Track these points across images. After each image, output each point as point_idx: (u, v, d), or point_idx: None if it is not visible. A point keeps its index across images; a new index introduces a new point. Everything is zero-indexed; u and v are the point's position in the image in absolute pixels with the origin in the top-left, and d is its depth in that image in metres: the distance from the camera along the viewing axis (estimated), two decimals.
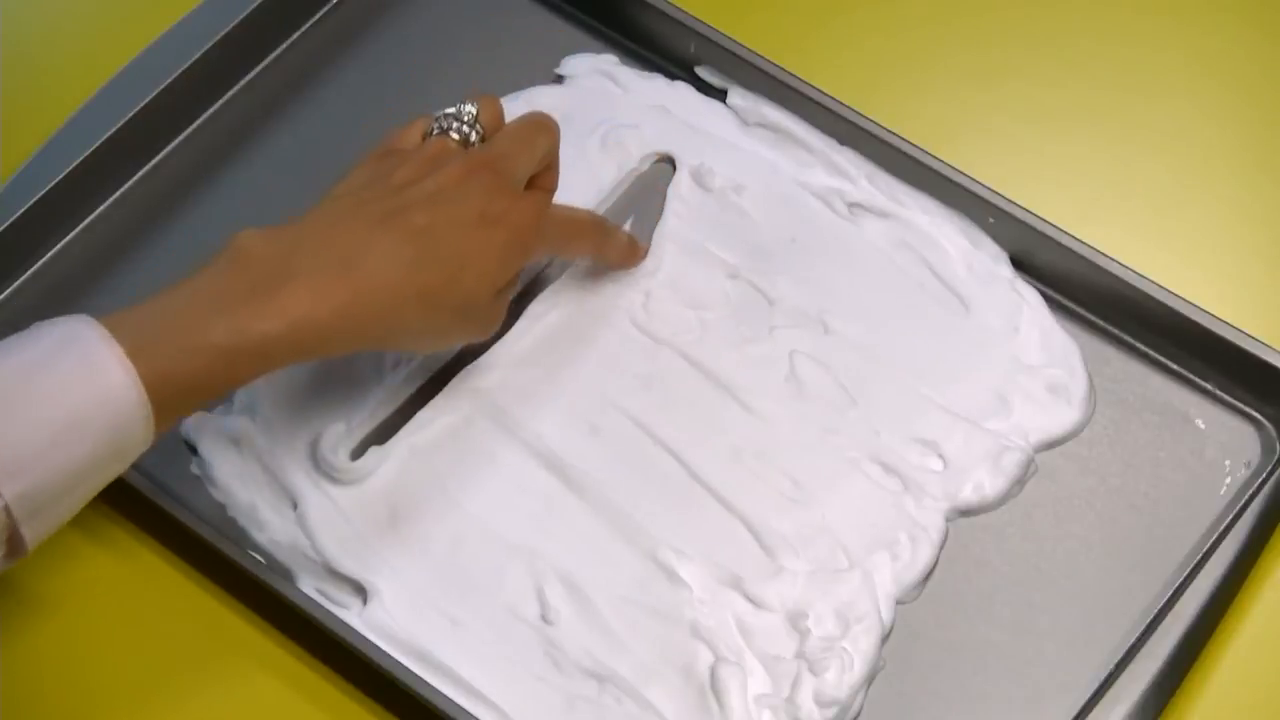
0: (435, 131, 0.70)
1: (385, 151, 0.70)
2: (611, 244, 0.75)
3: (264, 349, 0.62)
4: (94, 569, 0.72)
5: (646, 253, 0.77)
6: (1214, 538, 0.71)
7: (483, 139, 0.70)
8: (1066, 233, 0.77)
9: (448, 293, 0.66)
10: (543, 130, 0.71)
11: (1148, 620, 0.70)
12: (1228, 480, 0.74)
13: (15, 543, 0.60)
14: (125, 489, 0.71)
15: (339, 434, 0.73)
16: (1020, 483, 0.73)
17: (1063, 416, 0.75)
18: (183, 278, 0.64)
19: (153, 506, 0.71)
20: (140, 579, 0.72)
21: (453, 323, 0.68)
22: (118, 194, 0.81)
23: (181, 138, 0.82)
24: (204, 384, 0.62)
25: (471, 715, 0.67)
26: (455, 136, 0.70)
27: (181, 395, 0.62)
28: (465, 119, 0.70)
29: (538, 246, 0.70)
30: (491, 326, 0.70)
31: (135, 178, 0.81)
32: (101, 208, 0.80)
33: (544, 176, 0.72)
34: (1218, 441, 0.75)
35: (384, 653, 0.68)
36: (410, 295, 0.65)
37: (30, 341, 0.61)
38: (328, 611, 0.69)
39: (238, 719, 0.70)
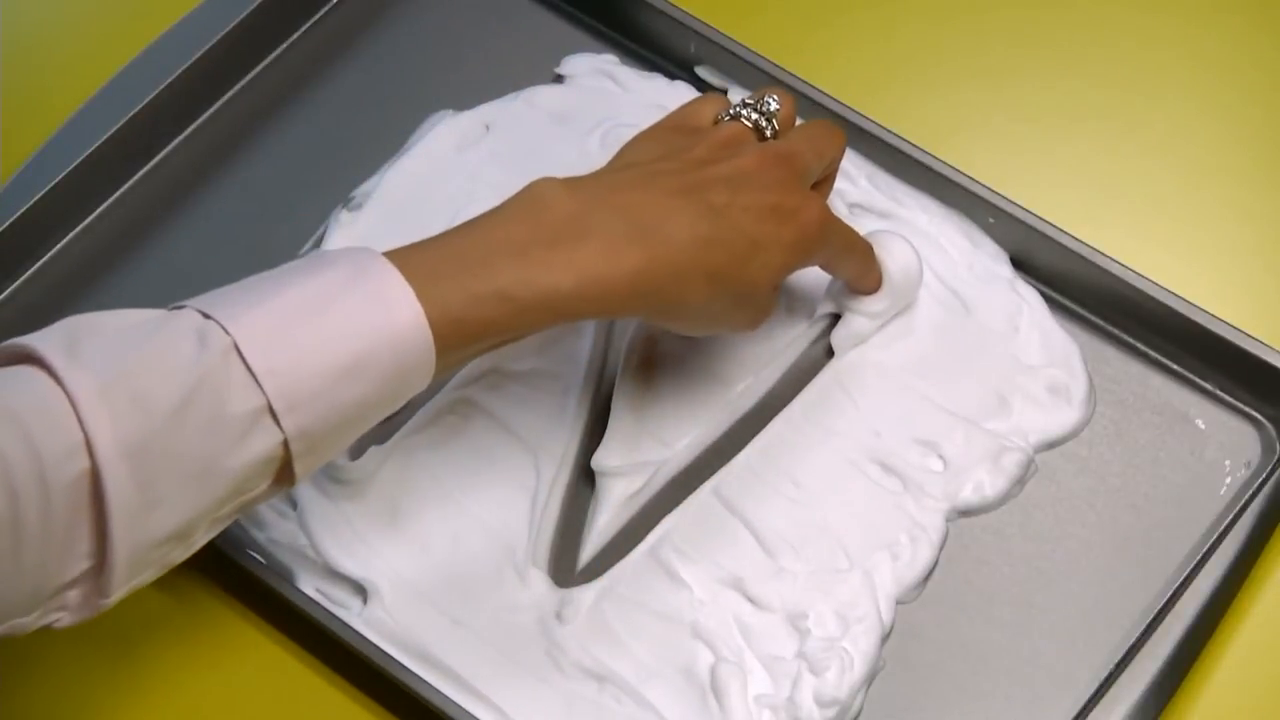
0: (728, 116, 0.70)
1: (675, 126, 0.70)
2: (873, 273, 0.74)
3: (551, 302, 0.62)
4: None
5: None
6: (1214, 538, 0.71)
7: (775, 134, 0.70)
8: (1066, 233, 0.77)
9: (734, 276, 0.66)
10: (834, 138, 0.71)
11: (1148, 620, 0.70)
12: (1228, 480, 0.74)
13: (284, 474, 0.60)
14: None
15: None
16: (1020, 483, 0.73)
17: (1063, 416, 0.75)
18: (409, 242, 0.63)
19: None
20: None
21: (731, 307, 0.67)
22: (118, 194, 0.81)
23: (181, 138, 0.82)
24: (488, 330, 0.61)
25: (471, 715, 0.67)
26: (747, 125, 0.69)
27: (465, 340, 0.61)
28: (765, 111, 0.70)
29: (820, 251, 0.69)
30: (762, 319, 0.70)
31: (135, 178, 0.81)
32: (101, 208, 0.80)
33: (823, 185, 0.72)
34: (1218, 441, 0.75)
35: (384, 652, 0.68)
36: (700, 271, 0.64)
37: (319, 270, 0.59)
38: (328, 611, 0.69)
39: (238, 718, 0.70)
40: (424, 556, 0.71)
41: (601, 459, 0.73)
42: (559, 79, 0.84)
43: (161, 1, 0.84)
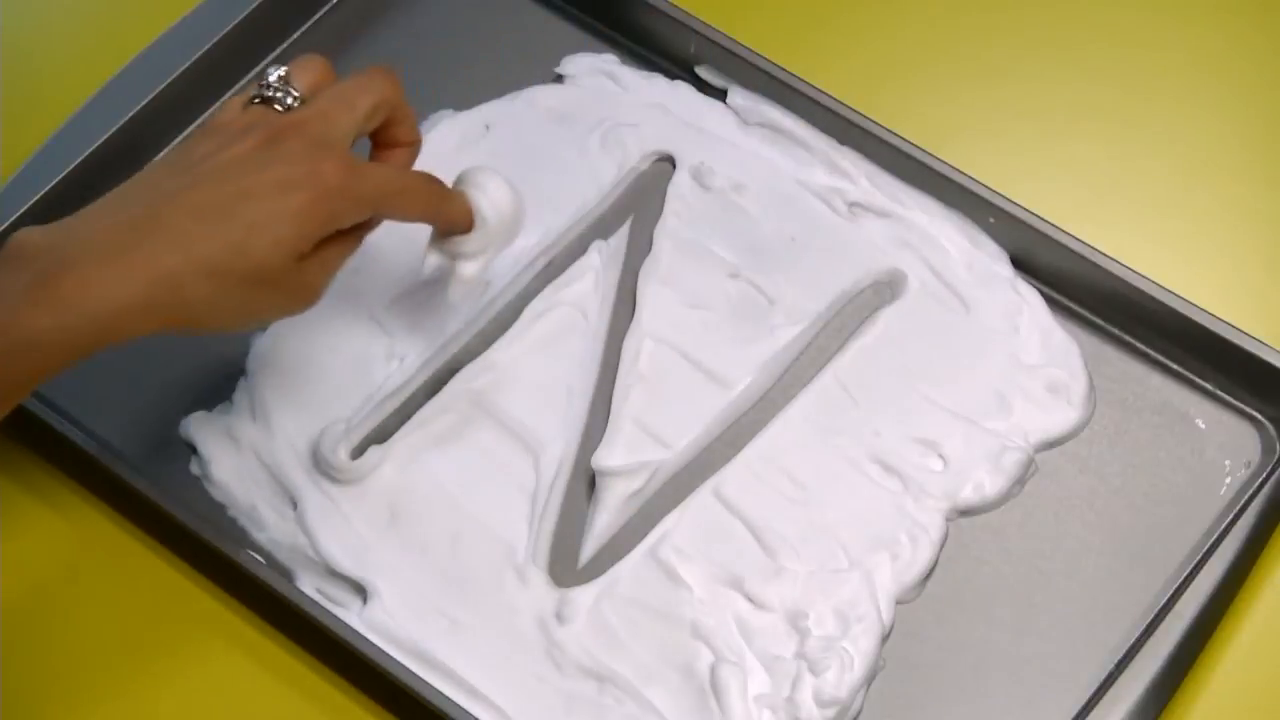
0: (255, 101, 0.66)
1: (202, 132, 0.66)
2: (447, 209, 0.70)
3: (39, 342, 0.59)
4: (93, 568, 0.72)
5: (472, 225, 0.71)
6: (1214, 538, 0.71)
7: (304, 102, 0.66)
8: (1066, 233, 0.77)
9: (235, 263, 0.62)
10: (366, 85, 0.67)
11: (1148, 620, 0.70)
12: (1228, 480, 0.74)
13: None
14: (125, 489, 0.72)
15: (339, 434, 0.73)
16: (1020, 483, 0.73)
17: (1063, 416, 0.75)
18: None
19: (153, 506, 0.71)
20: (140, 579, 0.72)
21: (252, 295, 0.63)
22: None
23: (181, 137, 0.82)
24: None
25: (471, 715, 0.67)
26: (277, 107, 0.66)
27: None
28: (276, 84, 0.66)
29: (348, 210, 0.65)
30: (306, 297, 0.66)
31: None
32: None
33: (393, 129, 0.68)
34: (1218, 441, 0.75)
35: (384, 653, 0.68)
36: (194, 271, 0.61)
37: None
38: (328, 611, 0.69)
39: (238, 718, 0.70)
40: (424, 556, 0.71)
41: (601, 459, 0.73)
42: (559, 79, 0.84)
43: (161, 1, 0.84)
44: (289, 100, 0.66)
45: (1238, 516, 0.72)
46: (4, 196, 0.78)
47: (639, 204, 0.80)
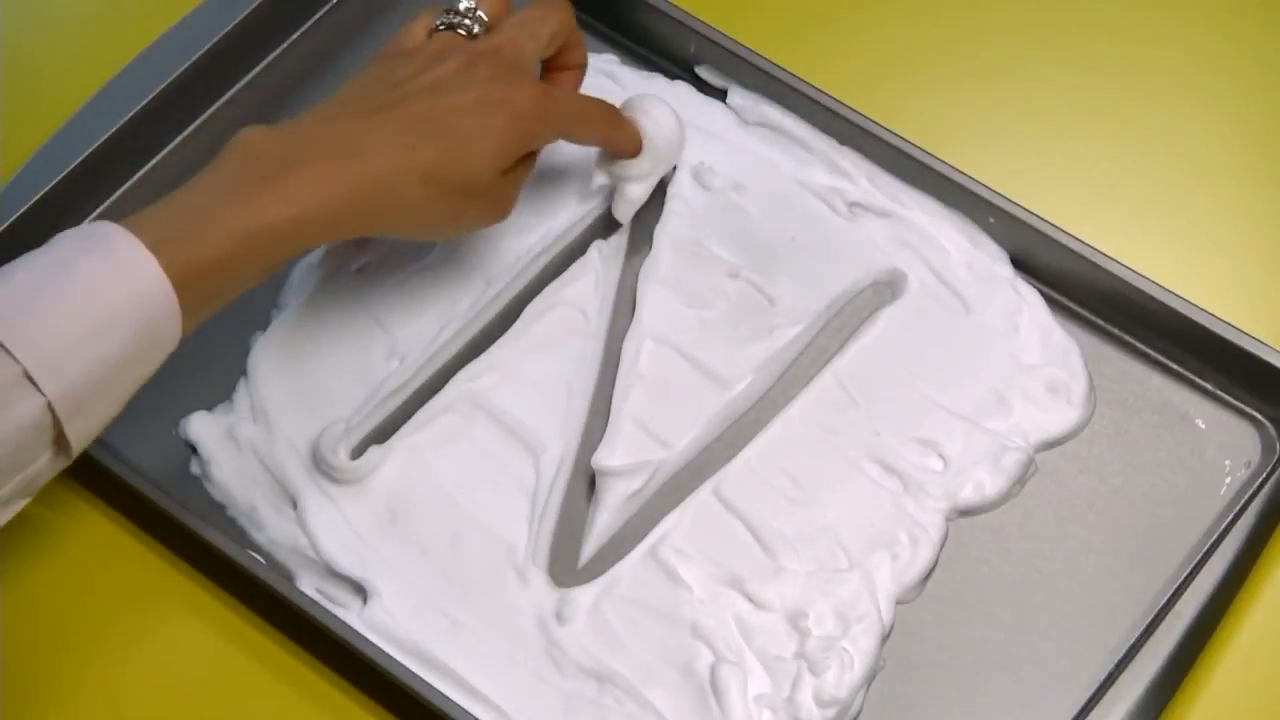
0: (440, 28, 0.72)
1: (390, 53, 0.72)
2: (621, 134, 0.75)
3: (276, 232, 0.64)
4: (94, 568, 0.72)
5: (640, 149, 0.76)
6: (1214, 538, 0.71)
7: (488, 30, 0.72)
8: (1066, 233, 0.77)
9: (450, 171, 0.68)
10: (546, 15, 0.73)
11: (1148, 620, 0.70)
12: (1228, 480, 0.74)
13: (62, 443, 0.62)
14: (125, 489, 0.72)
15: (339, 434, 0.72)
16: (1020, 483, 0.73)
17: (1063, 416, 0.75)
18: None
19: (153, 506, 0.71)
20: (140, 579, 0.72)
21: (461, 204, 0.69)
22: (118, 194, 0.81)
23: (181, 137, 0.82)
24: (225, 271, 0.64)
25: (471, 715, 0.67)
26: (461, 32, 0.72)
27: (205, 284, 0.64)
28: (465, 12, 0.72)
29: (541, 131, 0.71)
30: (503, 208, 0.72)
31: (135, 178, 0.81)
32: (101, 207, 0.80)
33: (566, 54, 0.74)
34: (1218, 441, 0.75)
35: (384, 653, 0.68)
36: (412, 176, 0.67)
37: (55, 245, 0.62)
38: (328, 611, 0.69)
39: (238, 718, 0.70)
40: (424, 556, 0.71)
41: (601, 459, 0.73)
42: None
43: (161, 1, 0.84)
44: (475, 28, 0.72)
45: (1238, 516, 0.72)
46: (4, 196, 0.78)
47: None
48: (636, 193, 0.77)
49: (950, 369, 0.76)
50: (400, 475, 0.73)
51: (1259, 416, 0.75)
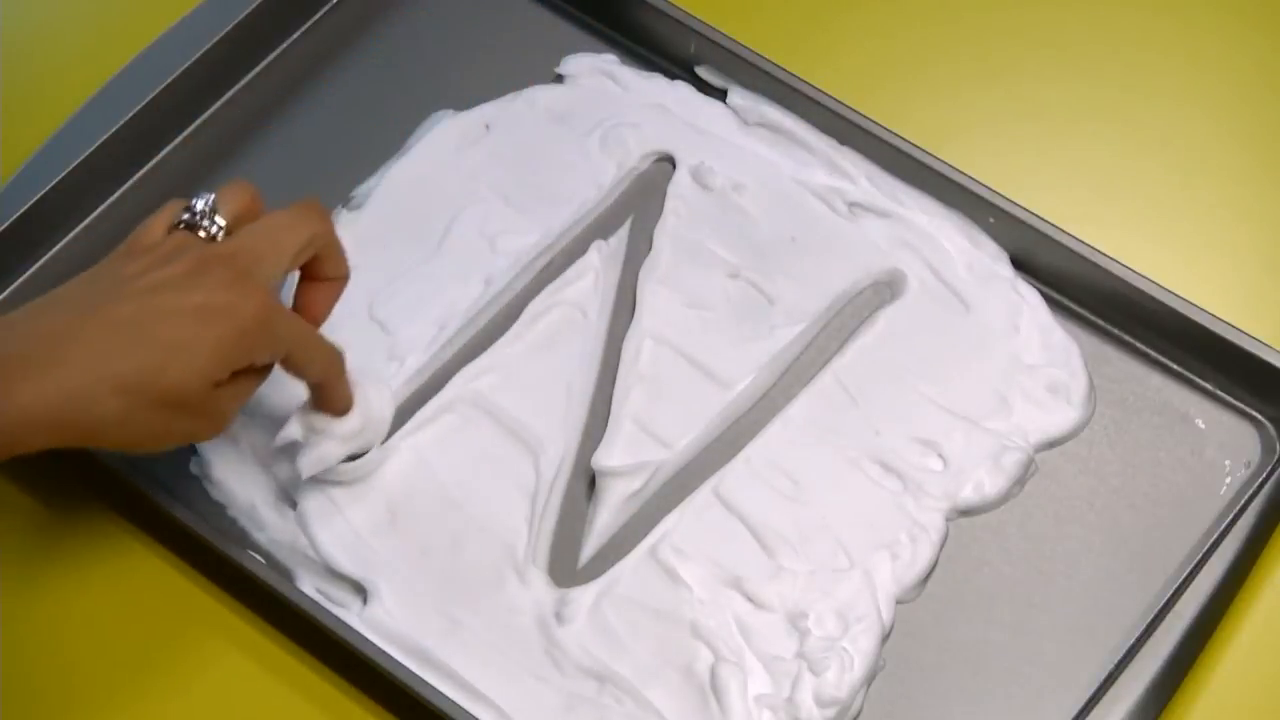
0: (179, 226, 0.67)
1: (125, 250, 0.67)
2: (335, 385, 0.70)
3: None
4: (94, 568, 0.72)
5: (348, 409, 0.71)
6: (1214, 538, 0.71)
7: (228, 232, 0.67)
8: (1066, 233, 0.77)
9: (149, 384, 0.62)
10: (294, 225, 0.67)
11: (1148, 620, 0.70)
12: (1228, 480, 0.74)
13: None
14: (125, 489, 0.72)
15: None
16: (1020, 483, 0.73)
17: (1063, 416, 0.75)
18: None
19: (153, 506, 0.71)
20: (140, 579, 0.72)
21: (164, 418, 0.63)
22: (118, 194, 0.81)
23: (181, 138, 0.82)
24: None
25: (471, 715, 0.67)
26: (201, 233, 0.66)
27: None
28: (202, 212, 0.67)
29: (265, 347, 0.65)
30: (216, 424, 0.66)
31: (135, 178, 0.81)
32: (101, 208, 0.80)
33: (322, 265, 0.69)
34: (1218, 441, 0.75)
35: (384, 653, 0.68)
36: (106, 387, 0.61)
37: None
38: (328, 611, 0.69)
39: (238, 718, 0.70)
40: (424, 556, 0.71)
41: (601, 459, 0.73)
42: (559, 79, 0.84)
43: (161, 1, 0.84)
44: (214, 229, 0.66)
45: (1238, 516, 0.72)
46: (4, 196, 0.78)
47: (639, 204, 0.80)
48: (331, 451, 0.70)
49: (950, 369, 0.76)
50: (400, 475, 0.73)
51: (1259, 416, 0.75)
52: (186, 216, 0.67)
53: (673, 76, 0.84)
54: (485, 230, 0.78)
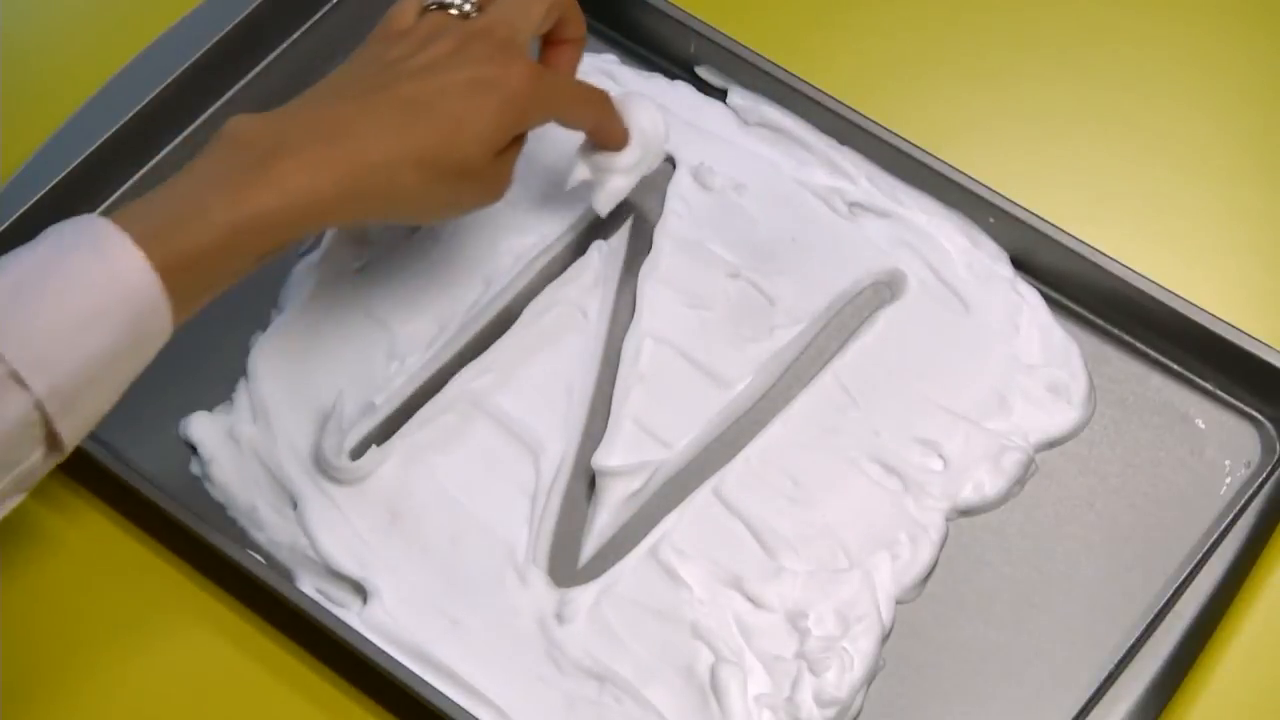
0: (431, 7, 0.71)
1: (380, 35, 0.71)
2: (613, 121, 0.74)
3: (265, 220, 0.63)
4: (93, 568, 0.72)
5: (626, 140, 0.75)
6: (1214, 538, 0.71)
7: (480, 9, 0.71)
8: (1066, 233, 0.77)
9: (443, 154, 0.67)
10: None
11: (1148, 620, 0.70)
12: (1228, 480, 0.74)
13: (54, 440, 0.61)
14: (125, 489, 0.72)
15: (339, 434, 0.72)
16: (1020, 483, 0.73)
17: (1063, 416, 0.75)
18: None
19: (153, 506, 0.71)
20: (140, 579, 0.72)
21: (455, 186, 0.69)
22: (118, 194, 0.81)
23: (181, 137, 0.82)
24: (215, 261, 0.63)
25: (471, 715, 0.67)
26: (452, 12, 0.71)
27: (195, 275, 0.63)
28: None
29: (534, 111, 0.70)
30: (497, 189, 0.71)
31: (135, 178, 0.81)
32: (101, 208, 0.80)
33: (563, 27, 0.73)
34: (1218, 441, 0.75)
35: (384, 653, 0.68)
36: (404, 160, 0.66)
37: (41, 241, 0.62)
38: (328, 611, 0.69)
39: (238, 718, 0.70)
40: (424, 556, 0.71)
41: (601, 459, 0.73)
42: None
43: (161, 1, 0.84)
44: (466, 7, 0.71)
45: (1238, 516, 0.72)
46: (4, 196, 0.78)
47: (639, 204, 0.80)
48: (619, 185, 0.76)
49: (950, 369, 0.76)
50: (400, 475, 0.73)
51: (1259, 416, 0.75)
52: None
53: (673, 76, 0.84)
54: (485, 230, 0.78)
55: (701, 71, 0.83)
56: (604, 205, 0.76)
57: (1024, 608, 0.71)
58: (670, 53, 0.84)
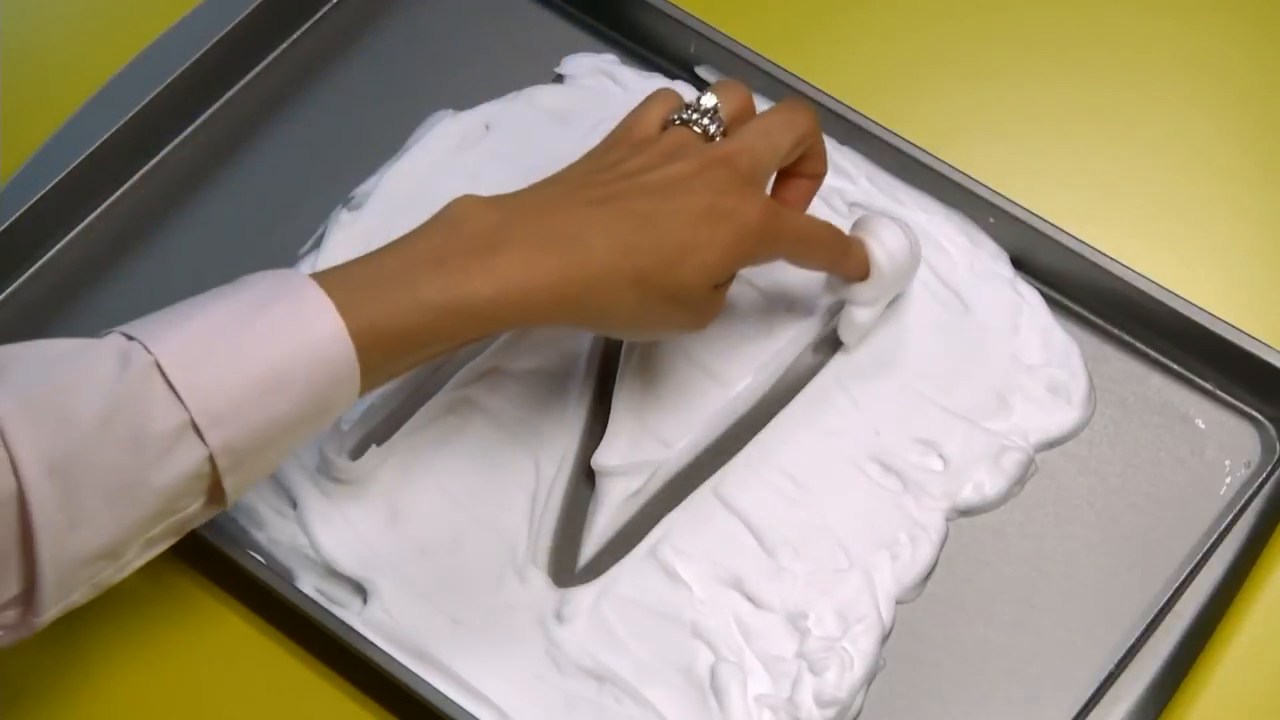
0: (676, 122, 0.69)
1: (620, 140, 0.69)
2: (847, 261, 0.72)
3: (471, 309, 0.62)
4: None
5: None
6: (1214, 538, 0.71)
7: (724, 131, 0.69)
8: (1066, 233, 0.77)
9: (664, 279, 0.65)
10: (790, 123, 0.69)
11: (1148, 620, 0.70)
12: (1228, 480, 0.74)
13: (216, 493, 0.60)
14: None
15: (339, 434, 0.73)
16: (1020, 483, 0.73)
17: (1063, 416, 0.75)
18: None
19: None
20: (139, 579, 0.72)
21: (667, 311, 0.66)
22: (118, 194, 0.81)
23: (181, 137, 0.82)
24: (409, 340, 0.62)
25: (471, 715, 0.67)
26: (696, 130, 0.68)
27: (389, 352, 0.61)
28: (706, 111, 0.69)
29: (766, 249, 0.68)
30: (706, 319, 0.69)
31: (135, 177, 0.81)
32: (101, 207, 0.81)
33: (804, 163, 0.71)
34: (1218, 441, 0.75)
35: (384, 652, 0.68)
36: (625, 277, 0.64)
37: (240, 290, 0.60)
38: (328, 611, 0.69)
39: (238, 718, 0.70)
40: (424, 556, 0.71)
41: (601, 459, 0.73)
42: (559, 79, 0.84)
43: (161, 1, 0.84)
44: (713, 128, 0.68)
45: (1238, 516, 0.72)
46: (4, 196, 0.78)
47: None
48: (863, 318, 0.74)
49: (950, 369, 0.76)
50: (400, 475, 0.73)
51: (1259, 416, 0.75)
52: (686, 114, 0.69)
53: (673, 76, 0.84)
54: None
55: (701, 71, 0.83)
56: (850, 338, 0.75)
57: (1024, 608, 0.71)
58: (670, 53, 0.84)
